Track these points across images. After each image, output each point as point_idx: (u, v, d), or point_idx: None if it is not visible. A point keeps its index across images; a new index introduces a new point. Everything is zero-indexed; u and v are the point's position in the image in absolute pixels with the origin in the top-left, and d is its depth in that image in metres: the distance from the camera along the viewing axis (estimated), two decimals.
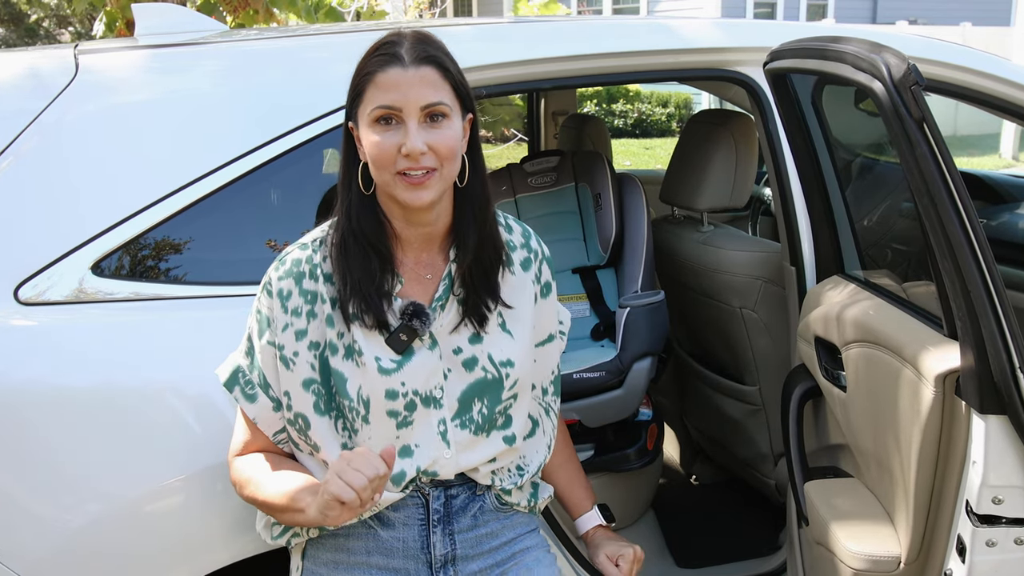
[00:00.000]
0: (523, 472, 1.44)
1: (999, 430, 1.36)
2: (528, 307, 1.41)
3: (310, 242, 1.34)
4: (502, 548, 1.43)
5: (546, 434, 1.49)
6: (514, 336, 1.38)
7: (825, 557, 1.75)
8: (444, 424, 1.33)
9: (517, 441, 1.39)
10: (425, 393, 1.31)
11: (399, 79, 1.22)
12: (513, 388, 1.37)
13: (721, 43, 2.03)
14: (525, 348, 1.39)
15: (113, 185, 1.55)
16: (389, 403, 1.29)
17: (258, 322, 1.34)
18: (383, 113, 1.23)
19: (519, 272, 1.41)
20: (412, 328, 1.30)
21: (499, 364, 1.35)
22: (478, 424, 1.35)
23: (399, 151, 1.22)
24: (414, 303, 1.31)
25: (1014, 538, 1.40)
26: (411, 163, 1.22)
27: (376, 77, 1.23)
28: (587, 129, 3.19)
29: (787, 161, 1.97)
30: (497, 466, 1.39)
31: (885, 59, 1.30)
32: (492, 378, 1.35)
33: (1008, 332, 1.28)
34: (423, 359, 1.31)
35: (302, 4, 5.73)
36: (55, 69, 1.65)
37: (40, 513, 1.43)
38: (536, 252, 1.45)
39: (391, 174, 1.24)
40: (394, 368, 1.29)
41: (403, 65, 1.22)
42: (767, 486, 2.49)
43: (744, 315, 2.33)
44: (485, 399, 1.35)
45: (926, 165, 1.25)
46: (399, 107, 1.22)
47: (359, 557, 1.36)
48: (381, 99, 1.22)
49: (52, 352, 1.46)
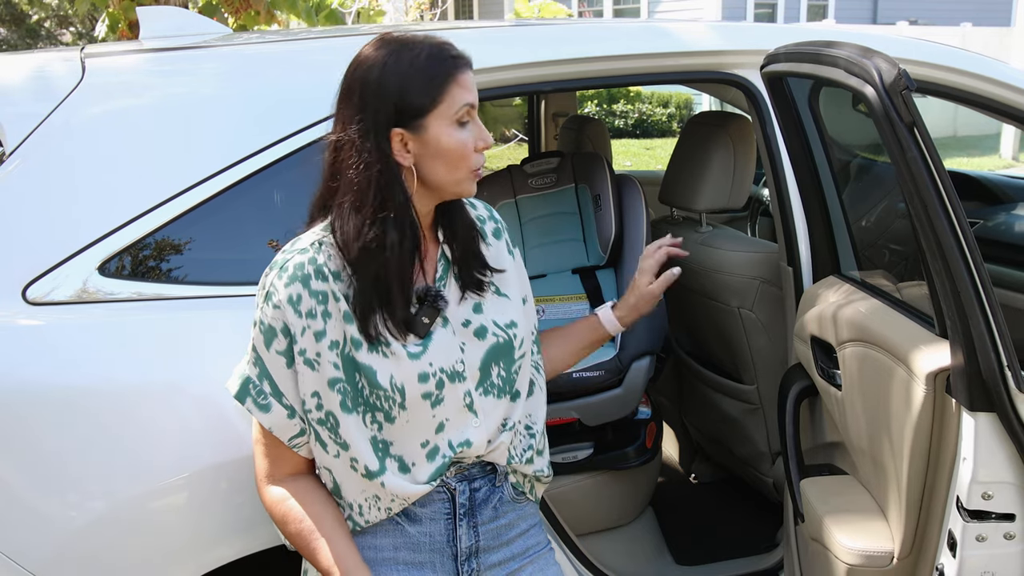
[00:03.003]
0: (532, 432, 1.47)
1: (988, 427, 1.39)
2: (512, 269, 1.48)
3: (308, 246, 1.31)
4: (517, 540, 1.47)
5: (542, 389, 1.53)
6: (510, 298, 1.44)
7: (820, 553, 1.77)
8: (469, 396, 1.36)
9: (522, 397, 1.44)
10: (450, 369, 1.34)
11: (471, 80, 1.30)
12: (522, 347, 1.43)
13: (718, 46, 2.05)
14: (519, 308, 1.45)
15: (120, 186, 1.57)
16: (423, 386, 1.31)
17: (262, 333, 1.31)
18: (469, 111, 1.29)
19: (493, 241, 1.47)
20: (436, 308, 1.33)
21: (505, 327, 1.40)
22: (500, 388, 1.39)
23: (475, 147, 1.30)
24: (428, 287, 1.34)
25: (1003, 533, 1.42)
26: (482, 156, 1.32)
27: (458, 77, 1.28)
28: (587, 130, 3.21)
29: (784, 163, 1.99)
30: (511, 435, 1.42)
31: (876, 64, 1.32)
32: (503, 341, 1.39)
33: (996, 331, 1.30)
34: (441, 337, 1.34)
35: (303, 5, 5.76)
36: (62, 72, 1.67)
37: (47, 511, 1.44)
38: (499, 221, 1.52)
39: (468, 171, 1.31)
40: (421, 351, 1.32)
41: (470, 67, 1.30)
42: (765, 484, 2.51)
43: (742, 315, 2.36)
44: (501, 362, 1.39)
45: (916, 169, 1.28)
46: (475, 103, 1.30)
47: (386, 553, 1.38)
48: (467, 97, 1.28)
49: (57, 351, 1.48)
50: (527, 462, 1.46)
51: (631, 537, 2.41)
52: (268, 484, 1.37)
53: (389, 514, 1.36)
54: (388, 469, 1.33)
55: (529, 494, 1.49)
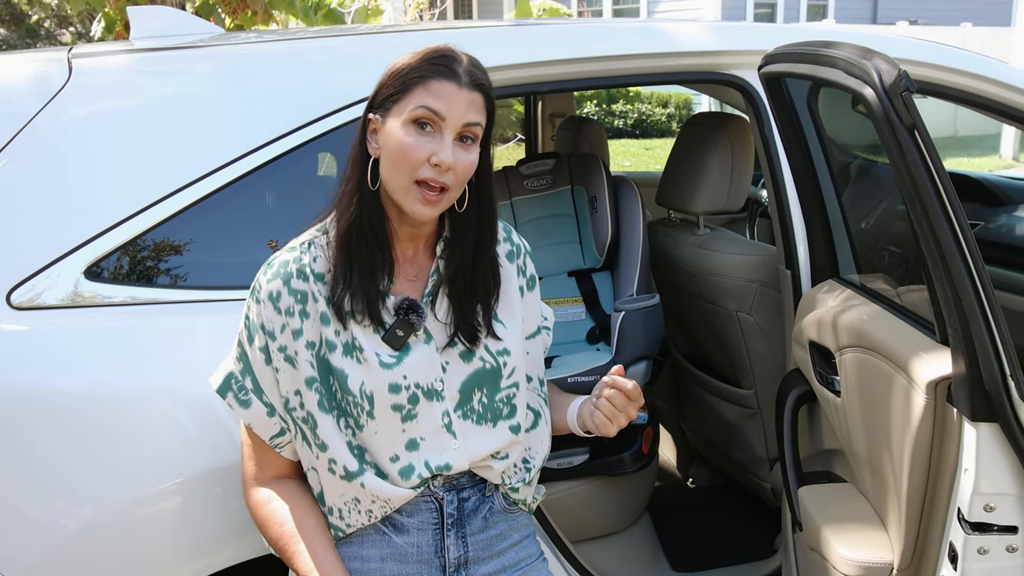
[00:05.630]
0: (530, 466, 1.45)
1: (990, 438, 1.36)
2: (516, 298, 1.43)
3: (298, 245, 1.34)
4: (509, 552, 1.44)
5: (547, 424, 1.50)
6: (507, 326, 1.40)
7: (818, 563, 1.75)
8: (448, 416, 1.34)
9: (521, 432, 1.41)
10: (427, 386, 1.32)
11: (452, 93, 1.24)
12: (511, 376, 1.39)
13: (716, 46, 2.03)
14: (517, 338, 1.41)
15: (106, 189, 1.55)
16: (393, 397, 1.30)
17: (247, 328, 1.34)
18: (425, 115, 1.24)
19: (505, 264, 1.43)
20: (409, 323, 1.31)
21: (496, 353, 1.37)
22: (479, 413, 1.36)
23: (428, 159, 1.23)
24: (408, 299, 1.32)
25: (1006, 546, 1.39)
26: (435, 174, 1.24)
27: (430, 82, 1.24)
28: (584, 132, 3.19)
29: (783, 164, 1.97)
30: (507, 464, 1.40)
31: (876, 65, 1.30)
32: (490, 367, 1.36)
33: (999, 340, 1.27)
34: (420, 353, 1.32)
35: (300, 5, 5.73)
36: (49, 73, 1.65)
37: (35, 518, 1.43)
38: (519, 246, 1.47)
39: (410, 179, 1.25)
40: (394, 363, 1.30)
41: (459, 83, 1.25)
42: (763, 490, 2.49)
43: (740, 318, 2.33)
44: (484, 388, 1.37)
45: (917, 171, 1.25)
46: (444, 115, 1.24)
47: (373, 564, 1.36)
48: (430, 102, 1.24)
49: (44, 357, 1.46)
50: (514, 490, 1.44)
51: (627, 544, 2.38)
52: (253, 487, 1.38)
53: (371, 518, 1.34)
54: (367, 471, 1.32)
55: (522, 504, 1.47)
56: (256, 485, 1.38)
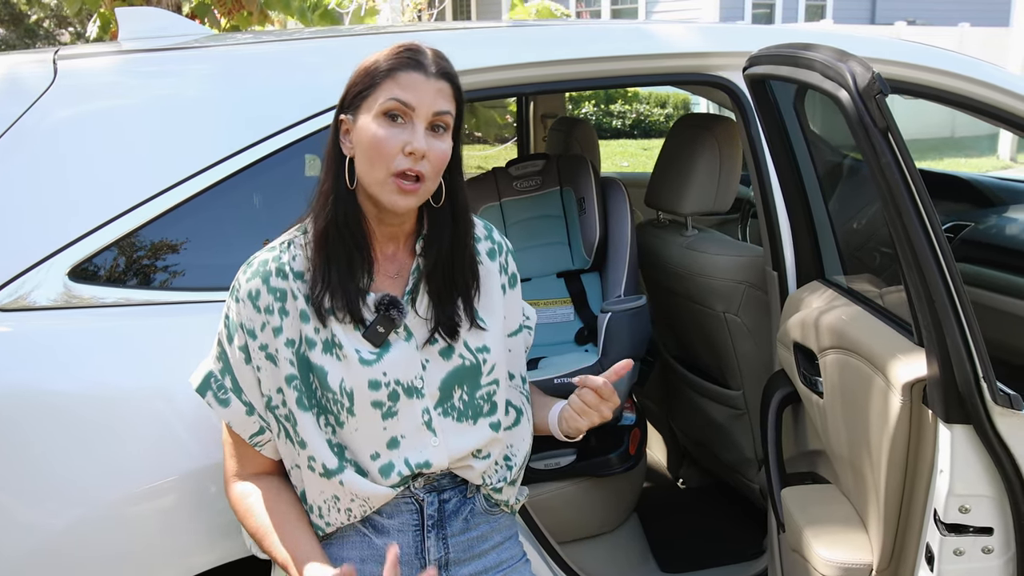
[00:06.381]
0: (511, 464, 1.45)
1: (964, 439, 1.36)
2: (497, 295, 1.44)
3: (277, 245, 1.35)
4: (490, 553, 1.44)
5: (529, 422, 1.50)
6: (487, 323, 1.40)
7: (800, 564, 1.75)
8: (428, 413, 1.34)
9: (501, 430, 1.41)
10: (407, 383, 1.32)
11: (420, 83, 1.26)
12: (491, 374, 1.39)
13: (703, 48, 2.03)
14: (498, 335, 1.42)
15: (90, 190, 1.55)
16: (373, 394, 1.30)
17: (227, 327, 1.35)
18: (395, 107, 1.25)
19: (486, 261, 1.44)
20: (390, 319, 1.32)
21: (475, 351, 1.37)
22: (460, 411, 1.37)
23: (402, 149, 1.25)
24: (388, 295, 1.33)
25: (981, 547, 1.39)
26: (410, 163, 1.25)
27: (398, 75, 1.26)
28: (575, 133, 3.19)
29: (769, 166, 1.97)
30: (488, 463, 1.40)
31: (851, 68, 1.30)
32: (470, 364, 1.37)
33: (972, 342, 1.28)
34: (400, 350, 1.33)
35: (297, 5, 5.74)
36: (33, 74, 1.65)
37: (22, 516, 1.43)
38: (500, 244, 1.48)
39: (387, 172, 1.25)
40: (374, 359, 1.31)
41: (426, 73, 1.27)
42: (751, 490, 2.49)
43: (728, 319, 2.34)
44: (465, 386, 1.37)
45: (891, 174, 1.26)
46: (414, 105, 1.25)
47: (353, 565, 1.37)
48: (399, 93, 1.25)
49: (22, 357, 1.46)
50: (496, 491, 1.44)
51: (615, 544, 2.38)
52: (234, 482, 1.40)
53: (350, 517, 1.35)
54: (346, 469, 1.32)
55: (504, 506, 1.47)
56: (237, 480, 1.39)
